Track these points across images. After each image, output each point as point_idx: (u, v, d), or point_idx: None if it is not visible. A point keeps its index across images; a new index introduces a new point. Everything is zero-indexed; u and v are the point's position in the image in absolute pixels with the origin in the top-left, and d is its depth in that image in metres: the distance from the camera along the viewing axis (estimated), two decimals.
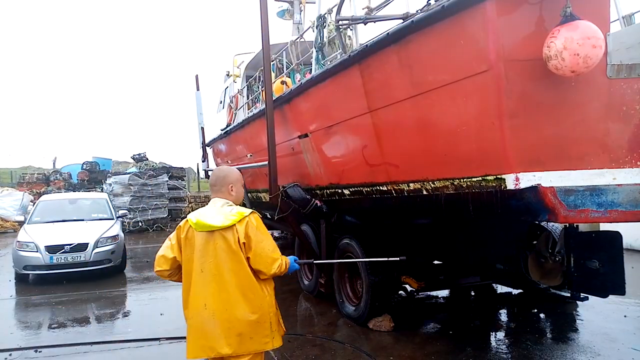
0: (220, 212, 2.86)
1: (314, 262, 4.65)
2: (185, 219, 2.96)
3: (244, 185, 3.16)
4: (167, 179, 17.88)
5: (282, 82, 7.13)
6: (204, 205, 3.04)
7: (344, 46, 4.99)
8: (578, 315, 5.99)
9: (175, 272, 2.97)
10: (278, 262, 2.87)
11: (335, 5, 4.87)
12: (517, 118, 3.30)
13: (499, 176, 3.46)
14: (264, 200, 8.94)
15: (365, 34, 5.01)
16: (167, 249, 2.98)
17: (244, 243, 2.79)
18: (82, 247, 8.46)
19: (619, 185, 3.38)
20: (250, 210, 2.91)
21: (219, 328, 2.76)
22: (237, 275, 2.79)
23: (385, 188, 4.85)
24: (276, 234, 11.77)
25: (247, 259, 2.81)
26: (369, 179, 5.05)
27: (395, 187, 4.67)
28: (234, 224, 2.79)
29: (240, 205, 3.04)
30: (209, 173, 14.16)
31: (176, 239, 2.96)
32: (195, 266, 2.82)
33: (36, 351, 5.10)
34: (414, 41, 3.85)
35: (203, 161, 13.51)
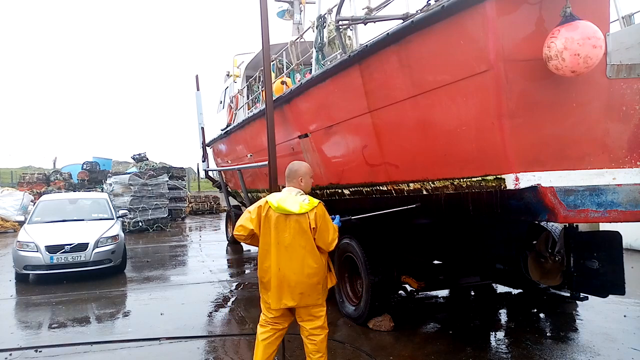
0: (296, 200, 3.67)
1: (351, 217, 4.97)
2: (265, 200, 3.72)
3: (312, 176, 3.97)
4: (167, 179, 17.87)
5: (282, 82, 7.14)
6: (204, 205, 3.25)
7: (344, 46, 4.99)
8: (578, 315, 5.99)
9: (249, 237, 3.74)
10: (335, 241, 3.74)
11: (335, 5, 4.87)
12: (517, 118, 3.31)
13: (498, 176, 3.47)
14: None
15: (365, 34, 5.02)
16: (247, 220, 3.73)
17: (313, 228, 3.61)
18: (82, 247, 8.45)
19: (618, 185, 3.38)
20: (318, 201, 3.71)
21: (288, 287, 3.63)
22: (305, 249, 3.63)
23: (385, 188, 4.86)
24: None
25: (314, 238, 3.64)
26: (369, 179, 5.06)
27: (395, 187, 4.68)
28: (307, 212, 3.61)
29: (307, 193, 3.83)
30: (209, 173, 14.21)
31: (257, 215, 3.71)
32: (273, 239, 3.65)
33: (36, 351, 5.09)
34: (414, 41, 3.85)
35: (203, 161, 13.54)
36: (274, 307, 3.71)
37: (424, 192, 4.28)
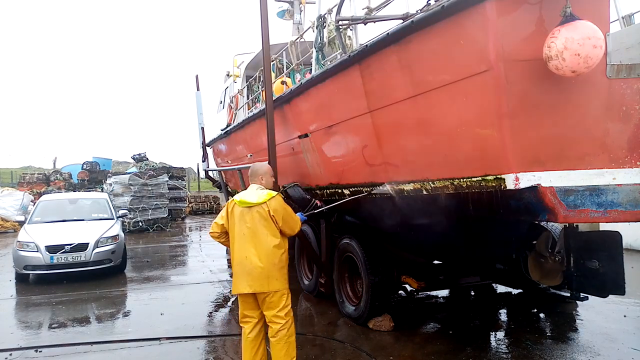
0: (255, 193, 4.12)
1: (317, 204, 5.17)
2: (232, 199, 4.21)
3: (273, 175, 4.51)
4: (167, 179, 17.85)
5: (282, 82, 7.13)
6: (204, 205, 3.53)
7: (344, 46, 4.98)
8: (578, 315, 5.99)
9: (222, 235, 4.21)
10: (298, 224, 4.31)
11: (335, 5, 4.87)
12: (517, 118, 3.30)
13: (498, 176, 3.46)
14: None
15: (365, 34, 5.02)
16: (219, 218, 4.21)
17: (272, 215, 4.01)
18: (82, 247, 8.46)
19: (618, 185, 3.38)
20: (276, 192, 4.17)
21: (256, 273, 3.93)
22: (268, 237, 4.00)
23: (385, 188, 4.85)
24: None
25: (278, 226, 4.04)
26: (369, 179, 5.05)
27: (395, 187, 4.67)
28: (265, 202, 4.03)
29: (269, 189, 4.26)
30: (209, 173, 14.21)
31: (225, 212, 4.17)
32: (238, 231, 4.04)
33: (36, 351, 5.10)
34: (414, 41, 3.85)
35: (203, 161, 13.52)
36: (242, 292, 3.99)
37: (424, 192, 4.28)
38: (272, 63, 6.88)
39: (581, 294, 4.94)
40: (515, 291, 6.85)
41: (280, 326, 3.98)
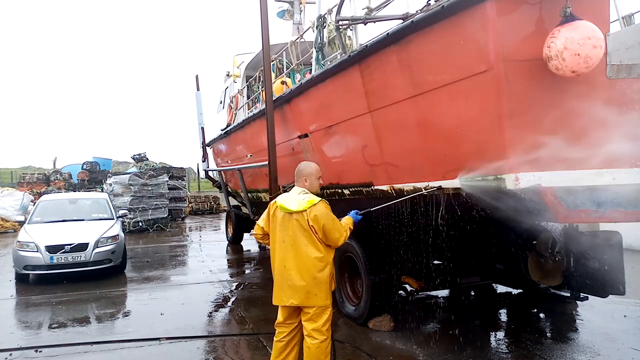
0: (296, 199, 3.73)
1: (371, 209, 4.94)
2: (274, 200, 3.86)
3: (319, 177, 3.98)
4: (167, 179, 17.85)
5: (282, 82, 7.14)
6: (204, 205, 3.33)
7: (344, 46, 4.99)
8: (578, 315, 5.99)
9: (266, 237, 3.93)
10: (343, 236, 3.76)
11: (335, 5, 4.87)
12: (517, 118, 3.31)
13: (498, 176, 3.46)
14: (264, 200, 8.95)
15: (365, 34, 5.03)
16: (261, 220, 3.95)
17: (312, 226, 3.63)
18: (82, 247, 8.45)
19: (618, 185, 3.38)
20: (319, 199, 3.73)
21: (295, 287, 3.65)
22: (308, 247, 3.66)
23: (385, 188, 4.85)
24: None
25: (318, 237, 3.65)
26: (369, 179, 5.05)
27: (395, 188, 4.67)
28: (306, 210, 3.64)
29: (314, 193, 3.85)
30: (209, 173, 14.22)
31: (267, 214, 3.89)
32: (278, 237, 3.76)
33: (36, 351, 5.09)
34: (414, 41, 3.85)
35: (203, 161, 13.54)
36: (282, 304, 3.74)
37: (424, 192, 4.27)
38: (272, 63, 6.89)
39: (581, 294, 4.94)
40: (515, 291, 6.85)
41: (318, 342, 3.63)
